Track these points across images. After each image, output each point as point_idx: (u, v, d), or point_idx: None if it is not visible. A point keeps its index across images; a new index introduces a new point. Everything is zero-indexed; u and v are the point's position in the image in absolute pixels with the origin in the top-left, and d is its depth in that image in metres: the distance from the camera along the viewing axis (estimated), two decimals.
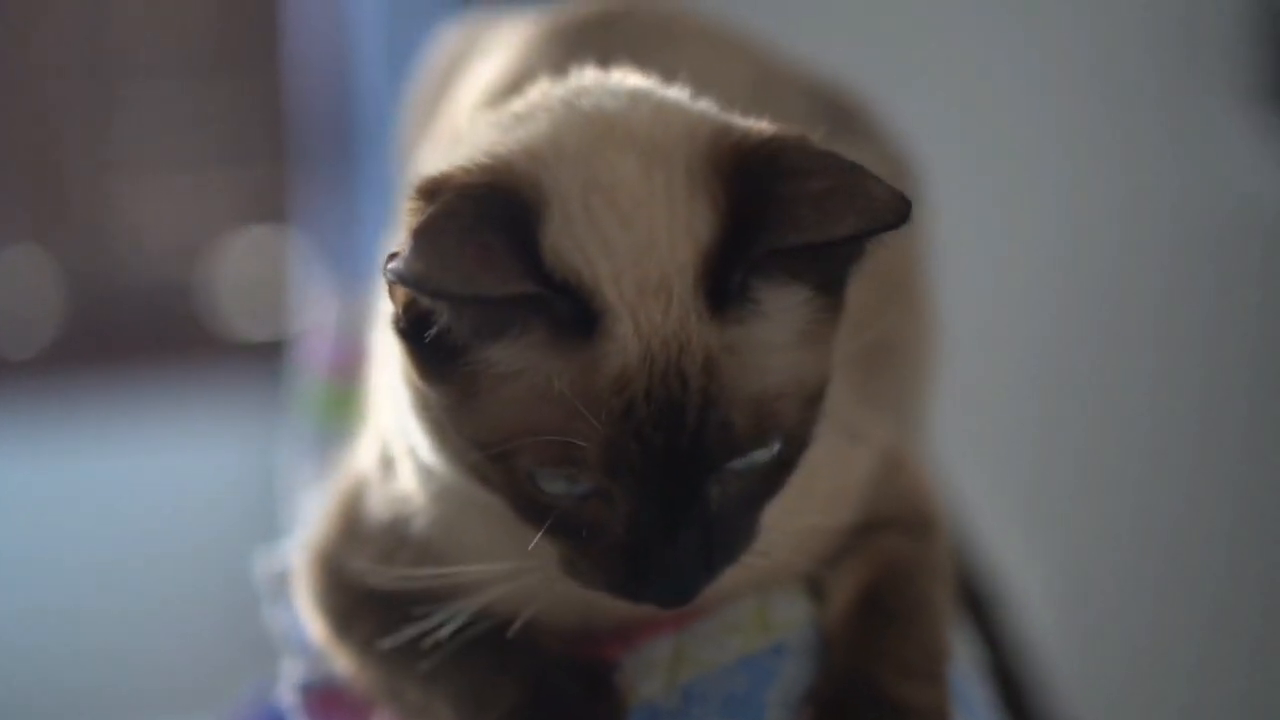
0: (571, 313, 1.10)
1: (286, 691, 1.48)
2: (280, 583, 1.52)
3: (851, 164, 1.13)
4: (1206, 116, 4.37)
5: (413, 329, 1.13)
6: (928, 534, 1.37)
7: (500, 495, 1.16)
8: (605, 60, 1.37)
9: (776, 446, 1.14)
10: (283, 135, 4.06)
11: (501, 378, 1.12)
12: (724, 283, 1.11)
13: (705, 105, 1.23)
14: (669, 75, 1.35)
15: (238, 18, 4.20)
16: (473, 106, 1.47)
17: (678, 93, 1.24)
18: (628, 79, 1.26)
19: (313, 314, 1.85)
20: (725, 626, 1.30)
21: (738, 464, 1.12)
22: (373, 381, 1.44)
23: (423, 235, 1.07)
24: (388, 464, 1.32)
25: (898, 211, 1.12)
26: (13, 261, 4.03)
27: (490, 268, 1.08)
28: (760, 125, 1.19)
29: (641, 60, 1.41)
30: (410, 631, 1.28)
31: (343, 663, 1.39)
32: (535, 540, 1.16)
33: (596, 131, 1.17)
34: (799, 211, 1.10)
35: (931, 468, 1.45)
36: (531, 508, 1.15)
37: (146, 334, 4.14)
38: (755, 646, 1.30)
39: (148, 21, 4.13)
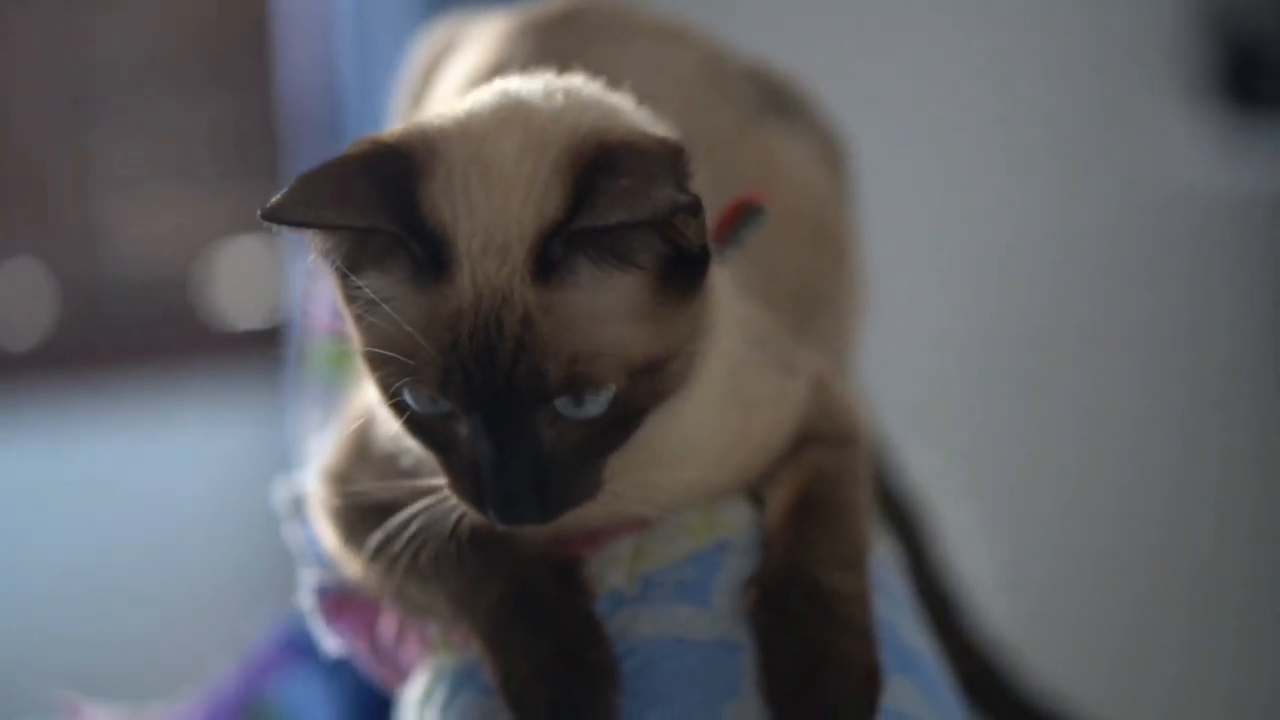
0: (426, 256, 1.32)
1: (305, 595, 1.70)
2: (296, 505, 1.74)
3: (661, 172, 1.32)
4: (1147, 110, 4.55)
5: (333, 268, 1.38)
6: (851, 446, 1.59)
7: (391, 408, 1.39)
8: (567, 52, 1.60)
9: (606, 397, 1.34)
10: (275, 148, 4.16)
11: (376, 302, 1.35)
12: (549, 253, 1.32)
13: (621, 104, 1.45)
14: (624, 65, 1.58)
15: (230, 30, 4.28)
16: (443, 97, 1.69)
17: (606, 95, 1.45)
18: (573, 79, 1.46)
19: (312, 285, 2.05)
20: (678, 528, 1.51)
21: (566, 409, 1.33)
22: None
23: (299, 178, 1.34)
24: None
25: (661, 210, 1.29)
26: (8, 273, 4.14)
27: (340, 203, 1.32)
28: (639, 131, 1.40)
29: (600, 51, 1.65)
30: (406, 537, 1.52)
31: (353, 568, 1.60)
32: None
33: (501, 117, 1.40)
34: (598, 201, 1.31)
35: (855, 393, 1.67)
36: (408, 418, 1.38)
37: (141, 330, 4.27)
38: (704, 544, 1.52)
39: (138, 34, 4.22)
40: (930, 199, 4.31)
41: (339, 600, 1.67)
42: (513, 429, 1.33)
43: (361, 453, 1.59)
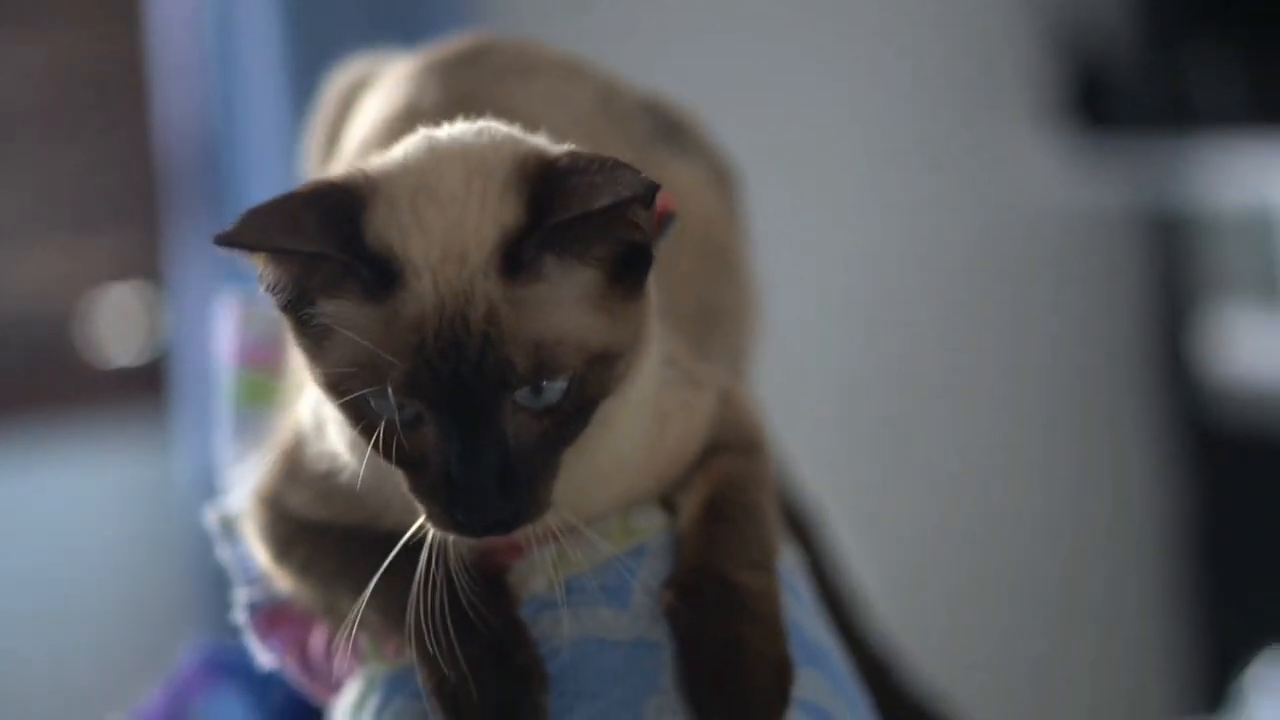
0: (374, 276, 1.41)
1: (238, 612, 1.76)
2: (227, 526, 1.81)
3: (615, 161, 1.43)
4: (1001, 131, 4.68)
5: (281, 304, 1.46)
6: (756, 454, 1.68)
7: (352, 424, 1.46)
8: (474, 90, 1.71)
9: (561, 385, 1.42)
10: (152, 193, 4.21)
11: (332, 327, 1.43)
12: (518, 256, 1.41)
13: (543, 142, 1.53)
14: (528, 101, 1.70)
15: (105, 75, 4.32)
16: (363, 138, 1.75)
17: (525, 134, 1.53)
18: (490, 124, 1.54)
19: (218, 319, 2.11)
20: (597, 535, 1.59)
21: (527, 400, 1.42)
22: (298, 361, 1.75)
23: (248, 210, 1.43)
24: (319, 425, 1.61)
25: (642, 188, 1.39)
26: None
27: (291, 231, 1.41)
28: (553, 146, 1.50)
29: (504, 89, 1.74)
30: (337, 555, 1.60)
31: (285, 584, 1.67)
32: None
33: (439, 154, 1.48)
34: (574, 195, 1.40)
35: (755, 404, 1.76)
36: (376, 438, 1.44)
37: (22, 373, 4.28)
38: (622, 547, 1.60)
39: (13, 81, 4.25)
40: (799, 215, 4.41)
41: (271, 616, 1.74)
42: (480, 421, 1.40)
43: (292, 473, 1.66)
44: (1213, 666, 4.86)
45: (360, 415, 1.45)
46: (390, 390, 1.41)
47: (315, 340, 1.46)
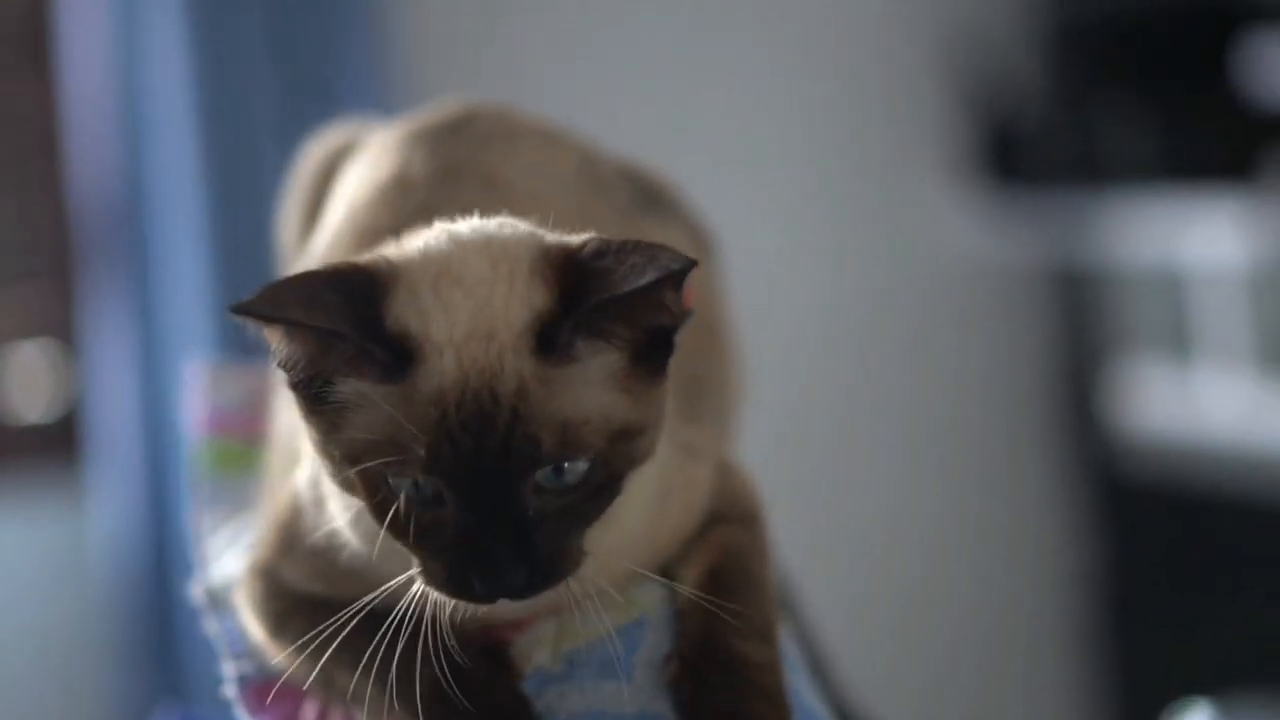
0: (390, 357, 1.40)
1: (228, 686, 1.74)
2: (214, 598, 1.78)
3: (645, 242, 1.43)
4: (916, 189, 4.74)
5: (291, 381, 1.44)
6: (753, 525, 1.68)
7: (369, 507, 1.44)
8: (460, 158, 1.72)
9: (583, 466, 1.41)
10: (67, 250, 4.17)
11: (350, 406, 1.42)
12: (553, 337, 1.40)
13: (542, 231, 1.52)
14: (513, 169, 1.72)
15: (19, 131, 4.29)
16: (351, 205, 1.74)
17: (537, 227, 1.52)
18: (508, 219, 1.53)
19: (185, 386, 2.09)
20: (599, 608, 1.58)
21: (549, 480, 1.41)
22: (288, 431, 1.73)
23: (268, 284, 1.42)
24: (319, 500, 1.59)
25: (682, 261, 1.40)
26: None
27: (307, 305, 1.39)
28: (572, 237, 1.48)
29: (490, 158, 1.74)
30: (336, 627, 1.57)
31: (280, 658, 1.64)
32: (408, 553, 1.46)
33: (462, 243, 1.48)
34: (613, 276, 1.40)
35: (746, 472, 1.75)
36: (392, 515, 1.42)
37: None
38: (622, 620, 1.58)
39: None
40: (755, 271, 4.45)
41: (261, 690, 1.71)
42: (500, 496, 1.39)
43: (289, 546, 1.64)
44: (1123, 718, 4.90)
45: (374, 492, 1.43)
46: (408, 468, 1.39)
47: (329, 419, 1.44)
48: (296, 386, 1.44)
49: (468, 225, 1.51)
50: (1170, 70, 4.63)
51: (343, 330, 1.39)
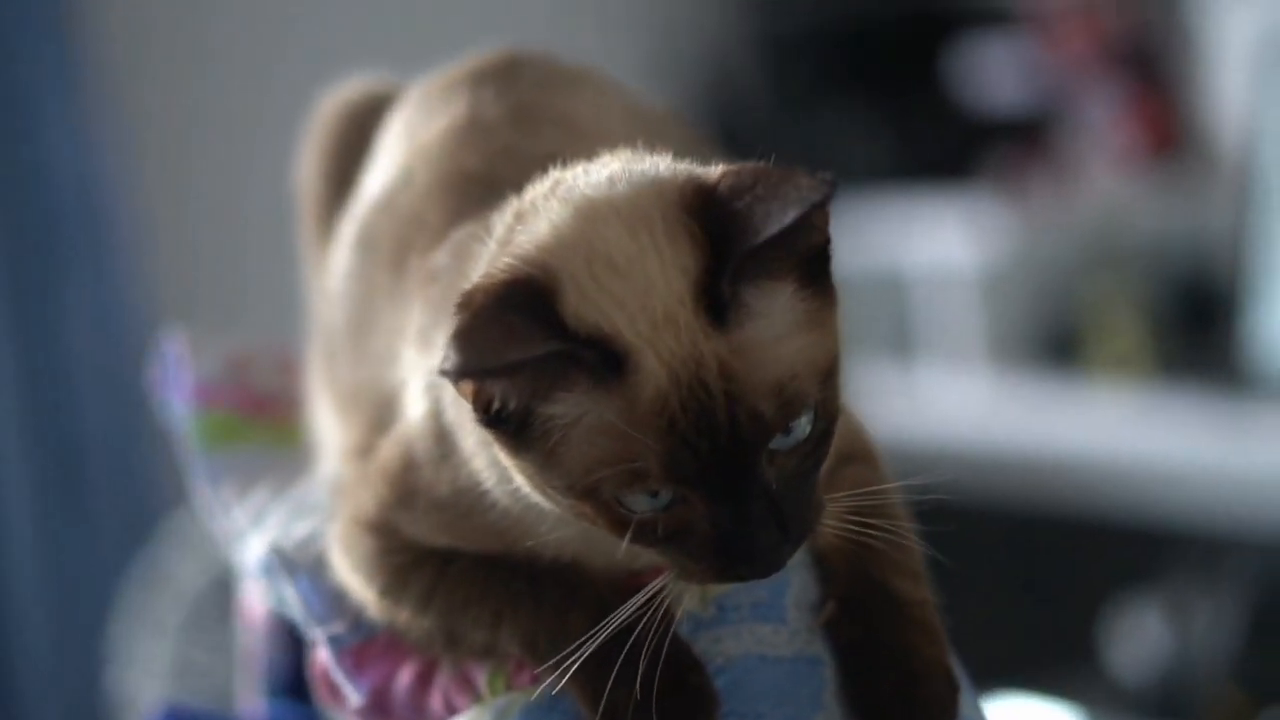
0: (599, 359, 1.29)
1: (319, 653, 1.61)
2: (285, 560, 1.65)
3: (773, 168, 1.35)
4: None
5: (490, 418, 1.33)
6: (877, 463, 1.63)
7: (605, 526, 1.35)
8: (531, 101, 1.68)
9: (807, 421, 1.34)
10: None
11: (567, 428, 1.31)
12: (716, 299, 1.31)
13: (664, 163, 1.42)
14: (582, 110, 1.68)
15: None
16: (422, 148, 1.67)
17: (641, 161, 1.43)
18: (604, 168, 1.42)
19: (165, 359, 1.96)
20: None
21: (780, 444, 1.33)
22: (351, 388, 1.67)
23: (457, 335, 1.29)
24: (445, 454, 1.49)
25: (822, 189, 1.30)
26: None
27: (515, 340, 1.28)
28: (703, 169, 1.40)
29: (558, 100, 1.70)
30: (467, 585, 1.51)
31: (398, 615, 1.55)
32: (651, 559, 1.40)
33: (586, 216, 1.36)
34: (754, 218, 1.31)
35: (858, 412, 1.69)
36: (633, 529, 1.33)
37: None
38: None
39: None
40: None
41: (358, 652, 1.60)
42: (744, 485, 1.31)
43: (407, 500, 1.54)
44: None
45: (608, 511, 1.33)
46: (641, 480, 1.30)
47: (541, 452, 1.33)
48: (501, 426, 1.34)
49: (585, 187, 1.40)
50: (886, 76, 4.74)
51: (553, 348, 1.29)
